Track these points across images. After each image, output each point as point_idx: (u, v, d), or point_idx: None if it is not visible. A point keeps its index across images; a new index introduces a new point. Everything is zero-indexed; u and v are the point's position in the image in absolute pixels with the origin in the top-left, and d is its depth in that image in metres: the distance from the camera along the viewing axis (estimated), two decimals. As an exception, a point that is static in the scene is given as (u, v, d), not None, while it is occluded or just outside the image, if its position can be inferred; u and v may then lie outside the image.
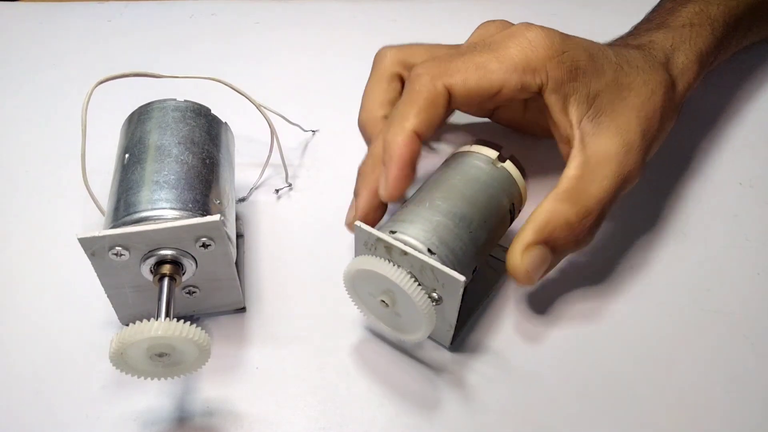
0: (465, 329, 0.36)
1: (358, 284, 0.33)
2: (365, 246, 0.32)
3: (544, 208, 0.34)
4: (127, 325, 0.28)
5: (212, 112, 0.38)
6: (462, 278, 0.29)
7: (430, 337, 0.35)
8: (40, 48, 0.55)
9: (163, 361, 0.30)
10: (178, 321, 0.29)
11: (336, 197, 0.43)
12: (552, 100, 0.35)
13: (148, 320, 0.28)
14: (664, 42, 0.41)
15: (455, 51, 0.37)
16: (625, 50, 0.39)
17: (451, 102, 0.36)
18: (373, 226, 0.33)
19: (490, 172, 0.35)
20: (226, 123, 0.39)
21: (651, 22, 0.43)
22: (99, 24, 0.58)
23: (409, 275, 0.30)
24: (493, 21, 0.40)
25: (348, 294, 0.34)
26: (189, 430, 0.32)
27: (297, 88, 0.51)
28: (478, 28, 0.41)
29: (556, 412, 0.33)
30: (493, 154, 0.35)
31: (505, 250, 0.37)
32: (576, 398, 0.34)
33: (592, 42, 0.37)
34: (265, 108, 0.40)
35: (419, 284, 0.30)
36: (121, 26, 0.58)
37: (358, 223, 0.32)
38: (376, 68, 0.42)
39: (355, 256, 0.33)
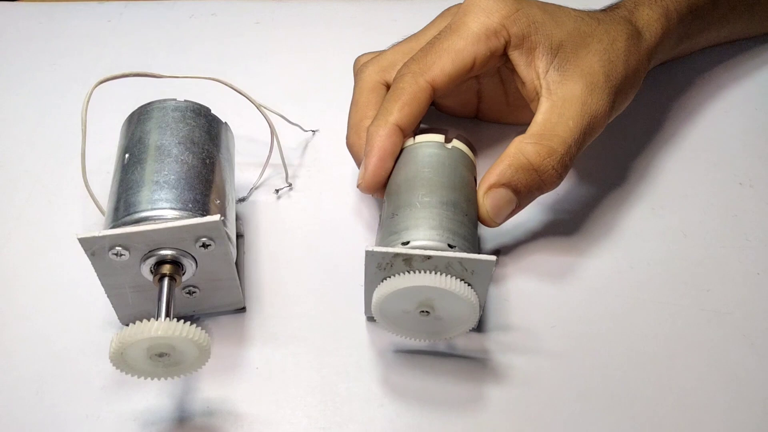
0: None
1: (387, 308, 0.32)
2: (378, 268, 0.31)
3: (508, 151, 0.35)
4: (127, 325, 0.28)
5: (212, 112, 0.38)
6: (493, 258, 0.30)
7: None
8: (39, 48, 0.55)
9: (163, 361, 0.30)
10: (178, 321, 0.29)
11: (336, 197, 0.43)
12: (516, 56, 0.37)
13: (148, 320, 0.28)
14: (628, 2, 0.42)
15: (426, 45, 0.38)
16: (587, 10, 0.40)
17: (436, 93, 0.37)
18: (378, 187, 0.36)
19: (448, 154, 0.35)
20: (226, 123, 0.39)
21: None
22: (99, 24, 0.58)
23: (450, 276, 0.30)
24: (451, 7, 0.42)
25: (378, 321, 0.33)
26: (189, 430, 0.32)
27: (297, 88, 0.51)
28: (439, 14, 0.42)
29: (560, 402, 0.33)
30: (440, 138, 0.36)
31: None
32: (576, 398, 0.34)
33: (547, 2, 0.39)
34: (265, 108, 0.40)
35: (459, 278, 0.31)
36: (121, 26, 0.58)
37: (369, 248, 0.31)
38: (357, 82, 0.42)
39: (366, 283, 0.33)
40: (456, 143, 0.36)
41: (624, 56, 0.38)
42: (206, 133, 0.37)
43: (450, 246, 0.31)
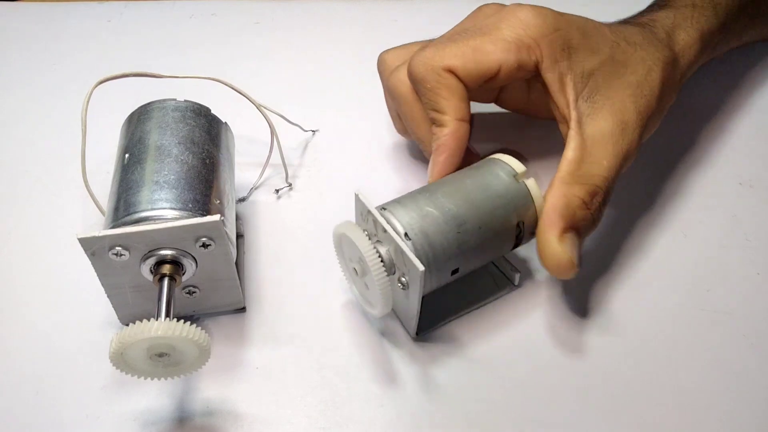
0: (443, 326, 0.36)
1: (344, 247, 0.34)
2: (361, 216, 0.34)
3: (558, 194, 0.34)
4: (127, 325, 0.28)
5: (212, 112, 0.38)
6: (421, 268, 0.30)
7: (402, 324, 0.36)
8: (40, 48, 0.55)
9: (163, 361, 0.30)
10: (178, 321, 0.29)
11: (336, 197, 0.43)
12: (549, 78, 0.36)
13: (148, 320, 0.28)
14: (665, 20, 0.41)
15: (447, 37, 0.37)
16: (624, 27, 0.39)
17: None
18: None
19: (507, 184, 0.34)
20: (226, 123, 0.39)
21: (655, 4, 0.44)
22: (99, 24, 0.58)
23: (374, 249, 0.31)
24: (489, 4, 0.40)
25: (335, 252, 0.35)
26: (189, 430, 0.32)
27: (297, 88, 0.51)
28: (473, 11, 0.41)
29: (554, 409, 0.33)
30: (518, 167, 0.35)
31: (513, 267, 0.37)
32: (575, 397, 0.34)
33: (587, 19, 0.38)
34: (265, 108, 0.40)
35: (382, 260, 0.31)
36: (121, 26, 0.58)
37: (357, 193, 0.33)
38: (395, 89, 0.40)
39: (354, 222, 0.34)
40: (530, 182, 0.34)
41: (659, 89, 0.37)
42: (206, 133, 0.37)
43: (407, 236, 0.31)
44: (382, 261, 0.31)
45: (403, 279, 0.32)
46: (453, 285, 0.35)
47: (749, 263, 0.40)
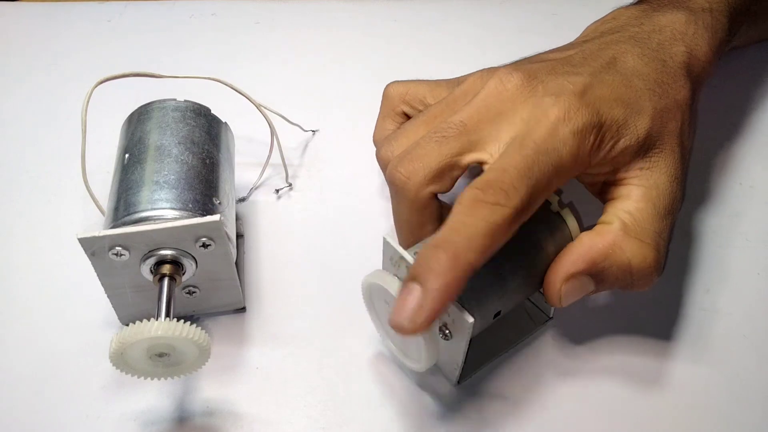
0: (483, 371, 0.35)
1: (375, 299, 0.32)
2: (390, 261, 0.31)
3: (604, 239, 0.31)
4: (127, 325, 0.28)
5: (212, 112, 0.38)
6: (470, 319, 0.28)
7: (439, 370, 0.34)
8: (40, 48, 0.55)
9: (163, 361, 0.30)
10: (178, 321, 0.29)
11: (336, 197, 0.43)
12: (597, 168, 0.32)
13: (148, 320, 0.28)
14: (684, 28, 0.36)
15: (513, 165, 0.29)
16: (641, 62, 0.34)
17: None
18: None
19: (541, 215, 0.31)
20: (226, 123, 0.39)
21: None
22: (99, 24, 0.58)
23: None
24: (486, 72, 0.34)
25: (365, 305, 0.33)
26: (189, 430, 0.32)
27: (297, 88, 0.51)
28: (473, 75, 0.34)
29: None
30: (552, 197, 0.32)
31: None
32: (577, 394, 0.34)
33: (612, 75, 0.33)
34: (265, 108, 0.40)
35: None
36: (121, 26, 0.58)
37: (385, 236, 0.30)
38: (384, 104, 0.39)
39: (383, 269, 0.32)
40: (565, 212, 0.32)
41: (691, 128, 0.34)
42: (206, 133, 0.37)
43: None
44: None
45: (446, 330, 0.30)
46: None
47: (749, 263, 0.40)
